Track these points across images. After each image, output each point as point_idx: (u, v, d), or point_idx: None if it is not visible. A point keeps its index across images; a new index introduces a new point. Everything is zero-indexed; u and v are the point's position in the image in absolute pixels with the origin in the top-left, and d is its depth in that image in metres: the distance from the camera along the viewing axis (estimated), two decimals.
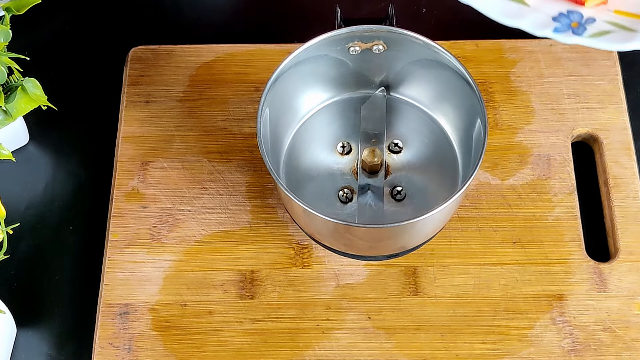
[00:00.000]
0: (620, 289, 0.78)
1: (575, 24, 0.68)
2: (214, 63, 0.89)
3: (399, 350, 0.76)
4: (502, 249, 0.80)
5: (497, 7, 0.68)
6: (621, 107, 0.86)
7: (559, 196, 0.82)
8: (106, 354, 0.76)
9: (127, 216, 0.82)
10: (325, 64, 0.80)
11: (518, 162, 0.84)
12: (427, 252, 0.80)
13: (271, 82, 0.76)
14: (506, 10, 0.68)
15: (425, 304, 0.78)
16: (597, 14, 0.69)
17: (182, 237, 0.81)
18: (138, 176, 0.84)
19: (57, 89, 0.86)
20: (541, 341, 0.76)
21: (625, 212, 0.82)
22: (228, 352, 0.76)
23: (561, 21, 0.68)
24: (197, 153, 0.85)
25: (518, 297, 0.78)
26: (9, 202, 0.84)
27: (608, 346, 0.76)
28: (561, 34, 0.67)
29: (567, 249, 0.80)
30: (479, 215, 0.81)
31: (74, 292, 0.81)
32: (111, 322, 0.77)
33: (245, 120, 0.86)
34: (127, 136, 0.86)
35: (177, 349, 0.77)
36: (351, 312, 0.78)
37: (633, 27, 0.68)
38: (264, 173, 0.83)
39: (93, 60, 0.93)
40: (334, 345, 0.76)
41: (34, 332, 0.80)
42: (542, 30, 0.67)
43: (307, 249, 0.80)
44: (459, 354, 0.76)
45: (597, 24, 0.68)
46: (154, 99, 0.87)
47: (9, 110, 0.77)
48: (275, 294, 0.78)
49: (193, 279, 0.79)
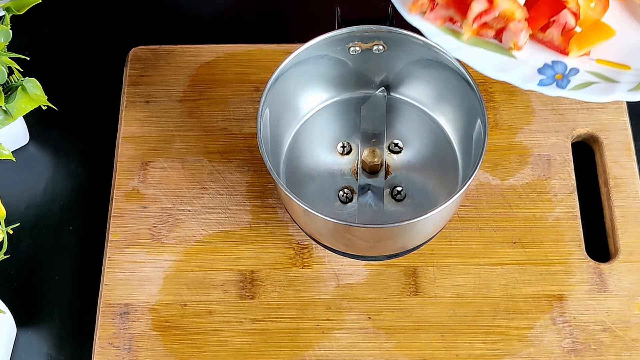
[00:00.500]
0: (620, 289, 0.78)
1: (559, 76, 0.70)
2: (214, 63, 0.89)
3: (399, 350, 0.76)
4: (502, 249, 0.80)
5: (486, 61, 0.70)
6: (621, 108, 0.86)
7: (559, 196, 0.82)
8: (106, 354, 0.76)
9: (127, 216, 0.82)
10: (325, 64, 0.80)
11: (518, 162, 0.84)
12: (427, 252, 0.80)
13: (271, 82, 0.76)
14: (495, 64, 0.70)
15: (425, 304, 0.78)
16: (580, 65, 0.71)
17: (182, 237, 0.81)
18: (138, 176, 0.84)
19: (57, 89, 0.85)
20: (541, 341, 0.76)
21: (625, 212, 0.82)
22: (228, 352, 0.76)
23: (546, 73, 0.70)
24: (197, 153, 0.85)
25: (518, 297, 0.78)
26: (9, 202, 0.84)
27: (608, 346, 0.76)
28: (546, 87, 0.69)
29: (567, 249, 0.80)
30: (479, 215, 0.81)
31: (74, 292, 0.81)
32: (111, 322, 0.77)
33: (245, 120, 0.86)
34: (127, 136, 0.86)
35: (177, 349, 0.77)
36: (351, 312, 0.78)
37: (615, 77, 0.70)
38: (264, 173, 0.83)
39: (93, 60, 0.93)
40: (334, 345, 0.76)
41: (34, 332, 0.80)
42: (528, 83, 0.69)
43: (307, 249, 0.80)
44: (459, 354, 0.76)
45: (580, 75, 0.70)
46: (154, 99, 0.87)
47: (9, 110, 0.77)
48: (275, 294, 0.78)
49: (193, 279, 0.79)
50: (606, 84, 0.69)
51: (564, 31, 0.71)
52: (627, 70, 0.70)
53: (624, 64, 0.71)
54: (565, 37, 0.71)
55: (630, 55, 0.71)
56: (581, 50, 0.71)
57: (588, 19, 0.71)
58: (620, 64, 0.71)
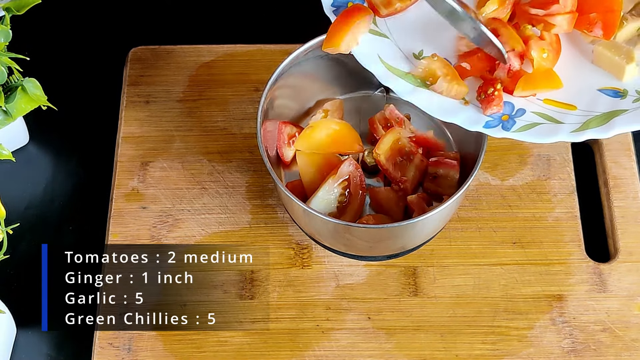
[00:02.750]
0: (620, 289, 0.78)
1: (505, 117, 0.72)
2: (214, 63, 0.89)
3: (399, 350, 0.76)
4: (502, 250, 0.80)
5: (434, 104, 0.73)
6: None
7: (558, 196, 0.82)
8: (106, 354, 0.76)
9: (127, 216, 0.82)
10: (325, 64, 0.80)
11: (518, 162, 0.84)
12: (427, 253, 0.80)
13: (271, 82, 0.76)
14: (443, 108, 0.72)
15: (425, 304, 0.78)
16: (527, 105, 0.72)
17: (182, 237, 0.81)
18: (138, 176, 0.84)
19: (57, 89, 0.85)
20: (541, 341, 0.76)
21: (625, 212, 0.82)
22: (228, 352, 0.76)
23: (493, 115, 0.72)
24: (197, 153, 0.85)
25: (518, 297, 0.78)
26: (9, 202, 0.84)
27: (608, 347, 0.76)
28: (492, 129, 0.71)
29: (567, 250, 0.80)
30: (479, 215, 0.81)
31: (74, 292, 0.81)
32: (111, 322, 0.77)
33: (245, 120, 0.86)
34: (127, 136, 0.86)
35: (177, 349, 0.77)
36: (351, 313, 0.78)
37: (560, 118, 0.71)
38: (264, 173, 0.83)
39: (93, 60, 0.93)
40: (334, 345, 0.76)
41: (34, 332, 0.80)
42: (475, 125, 0.71)
43: (307, 249, 0.80)
44: (459, 354, 0.76)
45: (526, 116, 0.72)
46: (154, 99, 0.87)
47: (9, 110, 0.77)
48: (275, 294, 0.78)
49: (193, 279, 0.79)
50: (551, 125, 0.71)
51: (510, 73, 0.72)
52: (572, 111, 0.71)
53: (570, 103, 0.72)
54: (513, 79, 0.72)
55: (578, 94, 0.72)
56: (526, 92, 0.72)
57: (540, 68, 0.72)
58: (567, 104, 0.72)
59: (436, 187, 0.78)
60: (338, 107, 0.82)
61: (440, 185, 0.78)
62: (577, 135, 0.69)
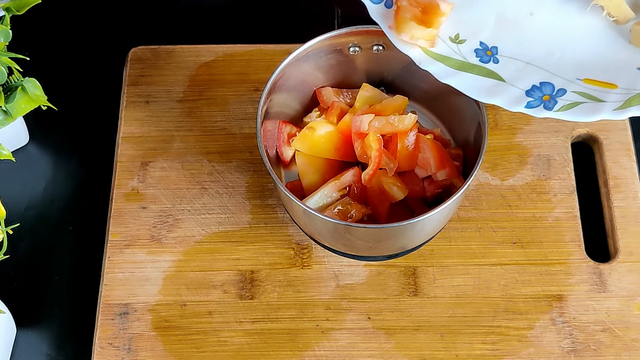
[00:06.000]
0: (620, 289, 0.78)
1: (546, 97, 0.71)
2: (214, 63, 0.89)
3: (399, 350, 0.76)
4: (502, 250, 0.80)
5: (474, 85, 0.72)
6: None
7: (558, 196, 0.82)
8: (106, 354, 0.76)
9: (127, 216, 0.82)
10: (325, 64, 0.80)
11: (518, 162, 0.84)
12: (427, 253, 0.80)
13: (271, 82, 0.76)
14: (483, 88, 0.72)
15: (425, 304, 0.78)
16: (567, 85, 0.72)
17: (182, 237, 0.81)
18: (138, 176, 0.84)
19: (57, 89, 0.85)
20: (541, 342, 0.76)
21: (625, 212, 0.82)
22: (228, 353, 0.76)
23: (534, 95, 0.71)
24: (197, 153, 0.85)
25: (518, 297, 0.78)
26: (9, 202, 0.84)
27: (608, 347, 0.76)
28: (533, 109, 0.71)
29: (567, 250, 0.80)
30: (478, 215, 0.81)
31: (74, 292, 0.81)
32: (111, 322, 0.77)
33: (245, 120, 0.86)
34: (127, 136, 0.86)
35: (177, 349, 0.77)
36: (351, 313, 0.78)
37: (601, 97, 0.71)
38: (264, 173, 0.83)
39: (93, 60, 0.93)
40: (334, 345, 0.76)
41: (34, 332, 0.80)
42: (516, 106, 0.71)
43: (307, 249, 0.80)
44: (459, 354, 0.76)
45: (567, 96, 0.71)
46: (154, 99, 0.87)
47: (9, 110, 0.77)
48: (275, 294, 0.79)
49: (193, 279, 0.79)
50: (593, 103, 0.70)
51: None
52: (613, 89, 0.71)
53: (611, 82, 0.72)
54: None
55: (617, 73, 0.72)
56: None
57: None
58: (607, 83, 0.72)
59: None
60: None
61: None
62: (620, 113, 0.69)
